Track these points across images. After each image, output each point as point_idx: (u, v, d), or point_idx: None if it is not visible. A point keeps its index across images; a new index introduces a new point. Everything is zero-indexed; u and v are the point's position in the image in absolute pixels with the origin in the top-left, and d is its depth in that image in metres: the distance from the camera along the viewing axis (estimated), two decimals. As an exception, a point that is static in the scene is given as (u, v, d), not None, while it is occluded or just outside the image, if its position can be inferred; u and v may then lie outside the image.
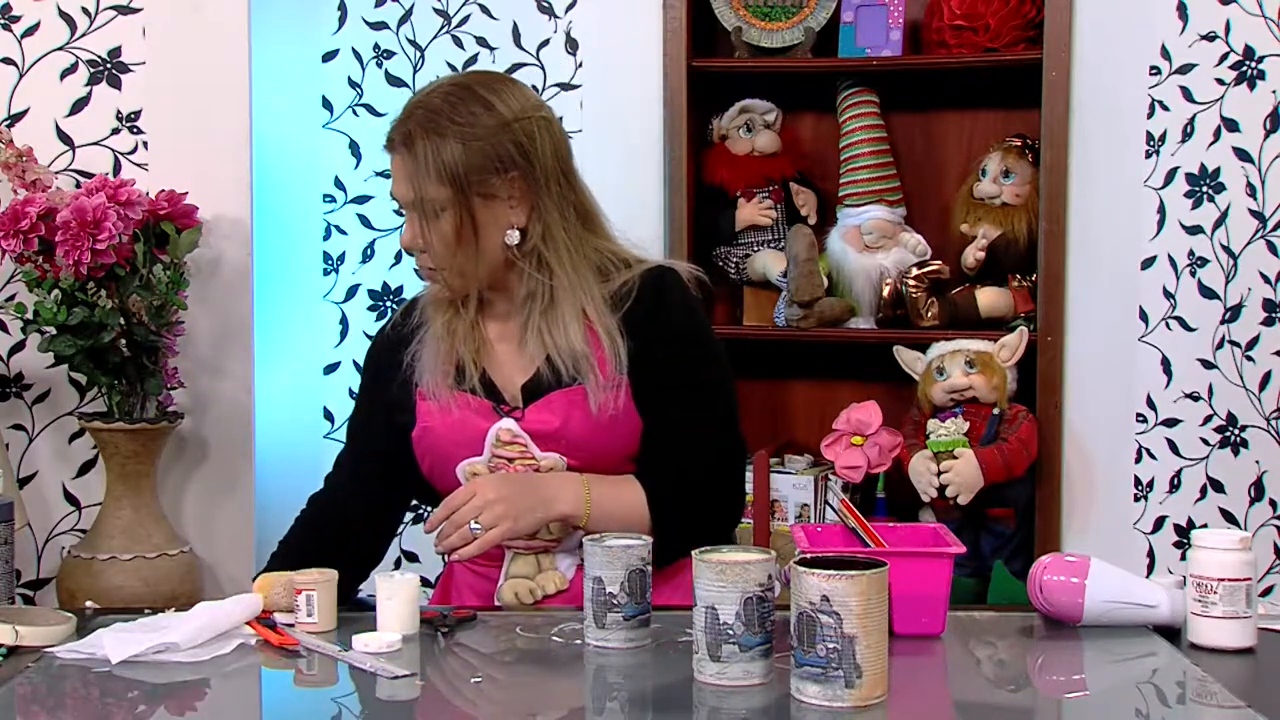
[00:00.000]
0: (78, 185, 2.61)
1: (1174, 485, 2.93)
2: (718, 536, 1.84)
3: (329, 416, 3.16)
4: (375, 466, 2.03)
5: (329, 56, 3.13)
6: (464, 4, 3.10)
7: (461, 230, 1.85)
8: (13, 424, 2.69)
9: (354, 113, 3.13)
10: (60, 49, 2.68)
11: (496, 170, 1.85)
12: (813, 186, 3.17)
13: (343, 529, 2.01)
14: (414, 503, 2.19)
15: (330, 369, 3.16)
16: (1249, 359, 2.90)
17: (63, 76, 2.68)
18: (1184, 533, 2.91)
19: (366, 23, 3.12)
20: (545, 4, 3.08)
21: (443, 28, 3.11)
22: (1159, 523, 2.94)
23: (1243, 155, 2.88)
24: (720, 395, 1.95)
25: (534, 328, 1.90)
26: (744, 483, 2.01)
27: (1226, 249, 2.89)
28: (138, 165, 2.69)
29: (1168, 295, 2.92)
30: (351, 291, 3.15)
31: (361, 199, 3.13)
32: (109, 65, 2.69)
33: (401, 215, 1.96)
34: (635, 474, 1.91)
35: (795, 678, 1.41)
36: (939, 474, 2.81)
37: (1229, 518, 2.91)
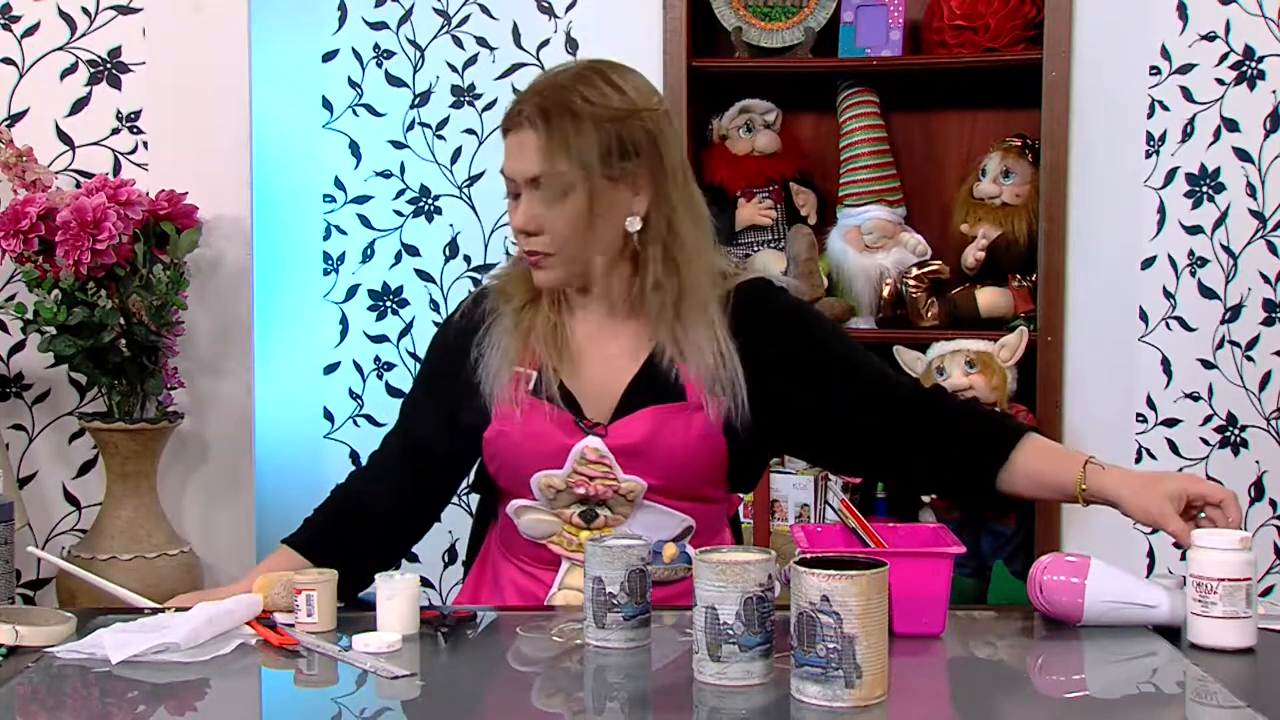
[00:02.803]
0: (78, 185, 2.62)
1: (1174, 485, 2.93)
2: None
3: (329, 416, 3.16)
4: (426, 461, 1.95)
5: (329, 56, 3.13)
6: (464, 4, 3.10)
7: (584, 212, 1.80)
8: (13, 424, 2.69)
9: (354, 113, 3.13)
10: (60, 49, 2.68)
11: (625, 154, 1.80)
12: (813, 186, 3.17)
13: (378, 512, 1.95)
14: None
15: (330, 369, 3.16)
16: (1249, 359, 2.90)
17: (63, 76, 2.68)
18: (1184, 533, 2.91)
19: (366, 23, 3.12)
20: (545, 4, 3.08)
21: (443, 28, 3.11)
22: (1159, 523, 2.94)
23: (1243, 155, 2.88)
24: (877, 362, 1.93)
25: (665, 323, 1.84)
26: None
27: (1226, 249, 2.89)
28: (138, 165, 2.69)
29: (1168, 295, 2.92)
30: (351, 291, 3.15)
31: (361, 199, 3.13)
32: (109, 65, 2.69)
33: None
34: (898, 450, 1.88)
35: (795, 678, 1.40)
36: (939, 474, 2.80)
37: (1229, 518, 2.91)
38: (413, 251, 3.12)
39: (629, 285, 1.86)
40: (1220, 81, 2.88)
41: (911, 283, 2.98)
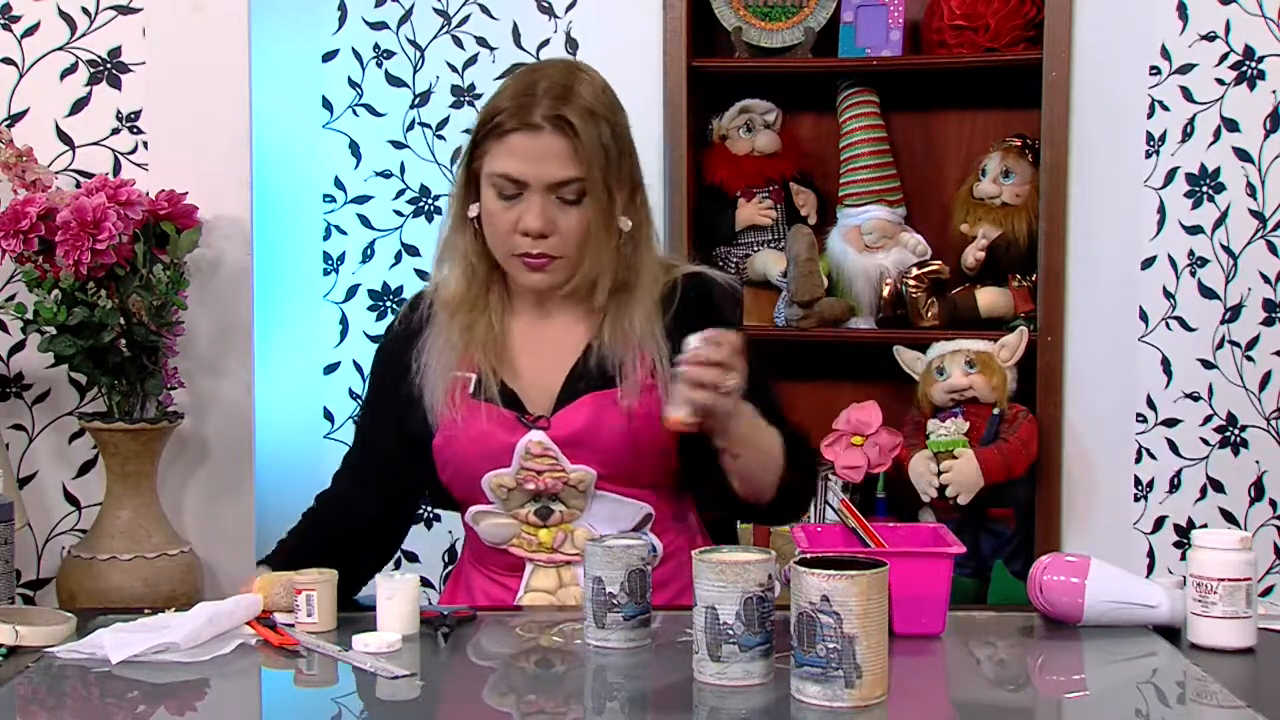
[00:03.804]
0: (78, 185, 2.61)
1: (1174, 485, 2.93)
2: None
3: (329, 416, 3.16)
4: (385, 467, 1.99)
5: (329, 56, 3.13)
6: (464, 4, 3.10)
7: (597, 214, 1.82)
8: (13, 424, 2.69)
9: (354, 113, 3.13)
10: (60, 49, 2.68)
11: (623, 155, 1.85)
12: (813, 186, 3.17)
13: (348, 530, 1.97)
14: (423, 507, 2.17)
15: (330, 369, 3.16)
16: (1249, 359, 2.90)
17: (63, 76, 2.68)
18: (1184, 533, 2.91)
19: (366, 23, 3.12)
20: (545, 4, 3.08)
21: (443, 28, 3.11)
22: (1159, 523, 2.94)
23: (1243, 155, 2.88)
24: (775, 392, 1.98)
25: (612, 316, 1.87)
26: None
27: (1226, 249, 2.89)
28: (138, 165, 2.69)
29: (1168, 295, 2.92)
30: (351, 291, 3.15)
31: (361, 199, 3.13)
32: (109, 65, 2.68)
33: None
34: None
35: (795, 678, 1.41)
36: (939, 474, 2.81)
37: (1229, 518, 2.91)
38: (413, 251, 3.12)
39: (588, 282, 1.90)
40: (1220, 81, 2.88)
41: (911, 283, 2.98)
